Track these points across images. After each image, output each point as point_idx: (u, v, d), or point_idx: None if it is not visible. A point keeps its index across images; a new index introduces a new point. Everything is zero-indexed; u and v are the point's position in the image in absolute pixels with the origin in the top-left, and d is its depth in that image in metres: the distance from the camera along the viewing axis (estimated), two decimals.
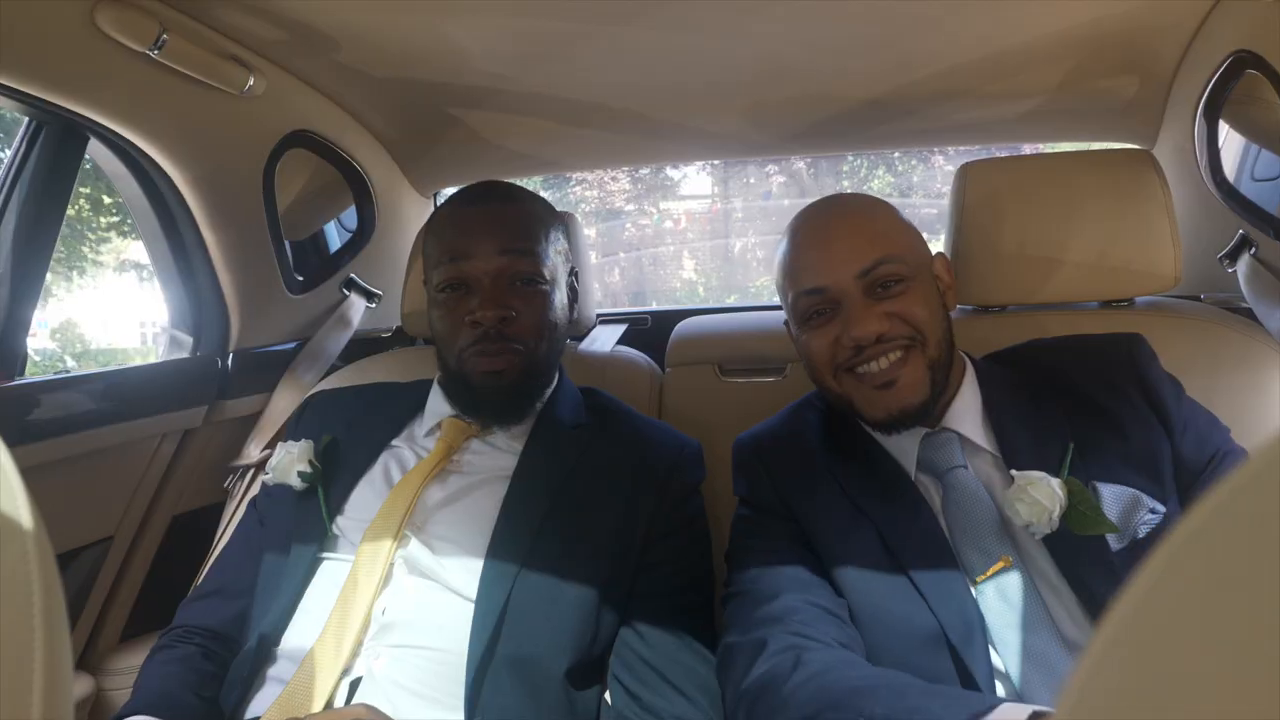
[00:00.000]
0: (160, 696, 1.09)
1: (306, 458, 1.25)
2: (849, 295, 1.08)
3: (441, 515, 1.17)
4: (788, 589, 1.04)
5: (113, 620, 1.63)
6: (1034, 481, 0.98)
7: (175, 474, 1.66)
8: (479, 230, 1.21)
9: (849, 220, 1.13)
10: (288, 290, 1.80)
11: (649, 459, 1.24)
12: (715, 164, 6.46)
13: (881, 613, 1.02)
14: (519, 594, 1.08)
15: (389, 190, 2.03)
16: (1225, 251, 1.53)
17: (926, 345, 1.08)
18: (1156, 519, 1.00)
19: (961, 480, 1.07)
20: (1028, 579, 0.99)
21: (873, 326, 1.06)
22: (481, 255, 1.20)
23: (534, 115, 1.79)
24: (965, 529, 1.03)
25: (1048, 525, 0.98)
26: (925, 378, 1.08)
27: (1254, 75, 1.35)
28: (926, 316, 1.08)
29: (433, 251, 1.26)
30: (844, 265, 1.09)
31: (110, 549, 1.57)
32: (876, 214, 1.15)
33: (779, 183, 6.63)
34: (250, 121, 1.59)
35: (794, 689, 0.88)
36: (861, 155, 5.63)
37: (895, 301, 1.08)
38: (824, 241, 1.12)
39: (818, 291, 1.11)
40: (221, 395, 1.68)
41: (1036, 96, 1.71)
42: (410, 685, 1.04)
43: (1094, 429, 1.07)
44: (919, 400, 1.07)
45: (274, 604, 1.14)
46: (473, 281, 1.21)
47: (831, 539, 1.08)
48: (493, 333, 1.18)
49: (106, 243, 6.40)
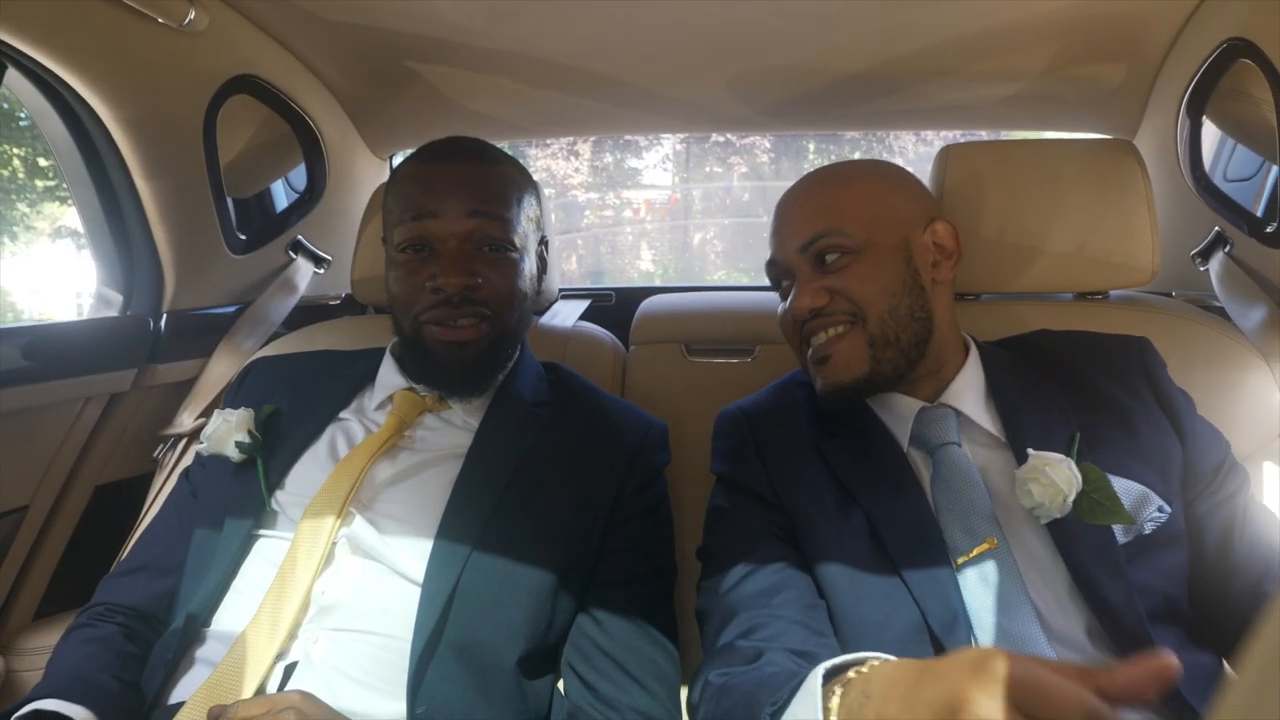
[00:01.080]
0: (74, 679, 1.02)
1: (245, 427, 1.19)
2: (797, 268, 1.12)
3: (390, 493, 1.12)
4: (764, 592, 1.01)
5: (26, 596, 1.55)
6: (1052, 463, 0.97)
7: (99, 441, 1.58)
8: (447, 188, 1.15)
9: (802, 193, 1.16)
10: (229, 249, 1.72)
11: (612, 440, 1.20)
12: (678, 148, 6.46)
13: (864, 609, 0.99)
14: (469, 577, 1.03)
15: (342, 148, 1.95)
16: (1199, 249, 1.54)
17: (867, 321, 1.08)
18: (1163, 517, 0.99)
19: (952, 457, 1.05)
20: (1010, 562, 0.97)
21: (805, 301, 1.09)
22: (448, 216, 1.13)
23: (501, 74, 1.73)
24: (952, 508, 1.01)
25: (1059, 509, 0.96)
26: (864, 354, 1.08)
27: (1244, 66, 1.35)
28: (869, 292, 1.08)
29: (394, 207, 1.18)
30: (790, 239, 1.12)
31: (25, 519, 1.49)
32: (835, 185, 1.15)
33: (741, 173, 6.65)
34: (191, 60, 1.50)
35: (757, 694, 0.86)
36: (827, 143, 5.65)
37: (836, 276, 1.09)
38: (779, 213, 1.17)
39: (773, 264, 1.16)
40: (153, 358, 1.60)
41: (1021, 80, 1.70)
42: (350, 671, 0.99)
43: (1102, 420, 1.06)
44: (851, 378, 1.08)
45: (204, 582, 1.08)
46: (437, 243, 1.14)
47: (816, 528, 1.05)
48: (455, 299, 1.12)
49: (40, 208, 6.23)
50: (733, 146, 6.55)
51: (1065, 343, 1.17)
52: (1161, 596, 0.97)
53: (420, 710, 0.97)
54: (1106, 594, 0.94)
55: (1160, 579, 0.98)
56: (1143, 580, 0.96)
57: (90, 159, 1.48)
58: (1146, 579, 0.96)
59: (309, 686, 0.95)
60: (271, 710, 0.82)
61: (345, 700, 0.96)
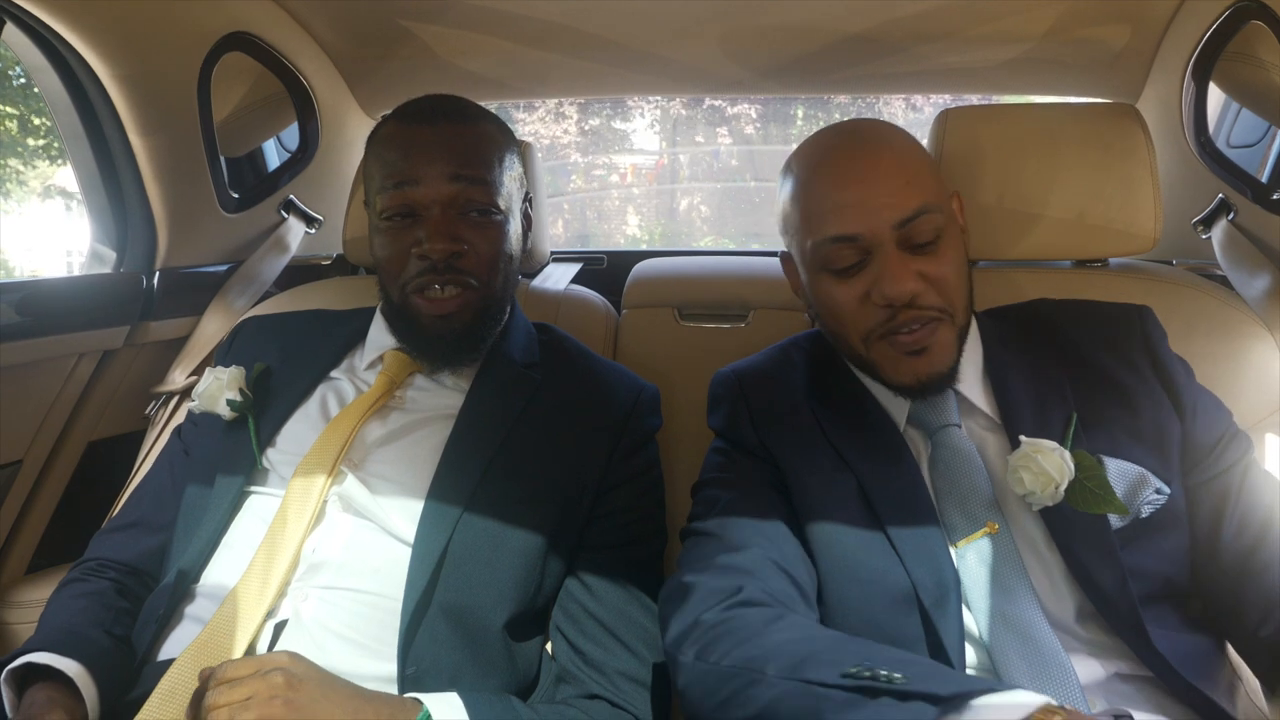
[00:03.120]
0: (66, 633, 1.02)
1: (237, 385, 1.19)
2: (883, 247, 0.98)
3: (381, 453, 1.11)
4: (756, 542, 0.99)
5: (19, 550, 1.56)
6: (1044, 450, 0.94)
7: (93, 397, 1.59)
8: (428, 153, 1.12)
9: (887, 156, 1.01)
10: (221, 208, 1.71)
11: (604, 403, 1.19)
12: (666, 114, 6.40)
13: (854, 567, 0.98)
14: (460, 539, 1.03)
15: (334, 107, 1.94)
16: (1201, 216, 1.51)
17: (955, 313, 1.01)
18: (1161, 499, 0.97)
19: (953, 439, 1.03)
20: (1012, 547, 0.96)
21: (910, 284, 0.96)
22: (430, 181, 1.11)
23: (494, 34, 1.71)
24: (951, 491, 0.99)
25: (1050, 498, 0.94)
26: (954, 344, 1.01)
27: (1254, 29, 1.32)
28: (957, 280, 1.00)
29: (375, 173, 1.16)
30: (882, 211, 0.97)
31: (19, 474, 1.50)
32: (914, 151, 1.03)
33: (726, 144, 6.58)
34: (186, 17, 1.49)
35: (774, 636, 0.83)
36: (811, 116, 5.58)
37: (930, 260, 0.98)
38: (858, 179, 0.99)
39: (850, 240, 0.98)
40: (145, 316, 1.60)
41: (1022, 43, 1.67)
42: (339, 630, 1.00)
43: (1101, 399, 1.03)
44: (947, 367, 1.00)
45: (195, 538, 1.09)
46: (420, 209, 1.12)
47: (809, 486, 1.04)
48: (441, 265, 1.11)
49: (34, 165, 6.22)
50: (721, 112, 6.48)
51: (1064, 312, 1.13)
52: (1160, 579, 0.96)
53: (410, 671, 0.98)
54: (1099, 579, 0.93)
55: (1158, 561, 0.96)
56: (1139, 563, 0.94)
57: (86, 116, 1.48)
58: (1143, 562, 0.95)
59: (298, 645, 0.96)
60: (260, 670, 0.82)
61: (334, 659, 0.96)
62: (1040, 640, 0.90)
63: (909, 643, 0.92)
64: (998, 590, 0.93)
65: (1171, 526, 0.98)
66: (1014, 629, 0.91)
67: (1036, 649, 0.90)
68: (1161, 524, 0.97)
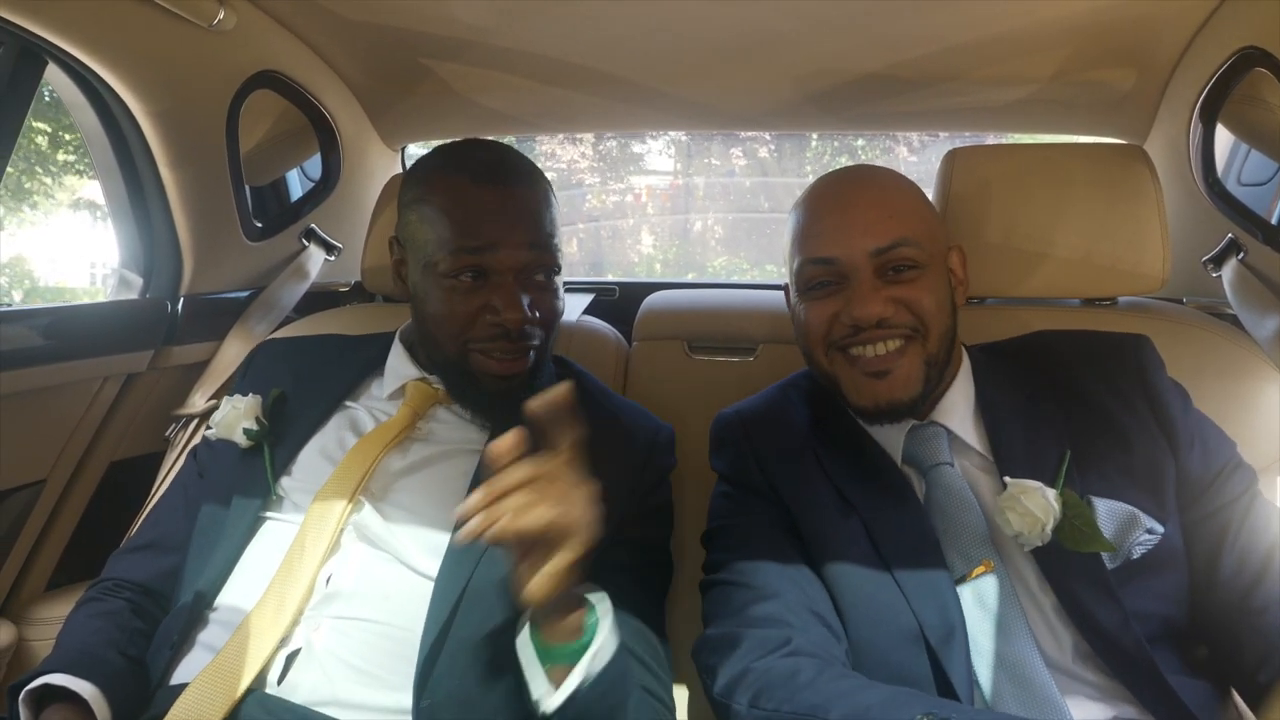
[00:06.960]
0: (82, 654, 1.04)
1: (253, 414, 1.20)
2: (859, 271, 1.03)
3: (402, 484, 1.12)
4: (787, 589, 0.99)
5: (40, 567, 1.58)
6: (1028, 491, 0.94)
7: (116, 419, 1.61)
8: (505, 220, 1.11)
9: (872, 191, 1.07)
10: (245, 236, 1.75)
11: (624, 444, 1.19)
12: (680, 140, 6.43)
13: (863, 607, 0.98)
14: (482, 574, 1.02)
15: (356, 140, 1.97)
16: (1211, 256, 1.50)
17: (928, 339, 1.03)
18: (1154, 539, 0.96)
19: (945, 478, 1.03)
20: (1008, 586, 0.96)
21: (876, 309, 1.01)
22: (509, 249, 1.10)
23: (510, 72, 1.73)
24: (946, 530, 1.00)
25: (1039, 538, 0.94)
26: (920, 373, 1.03)
27: (1259, 74, 1.33)
28: (933, 308, 1.03)
29: (439, 229, 1.12)
30: (860, 238, 1.03)
31: (42, 493, 1.52)
32: (902, 190, 1.09)
33: (741, 165, 6.59)
34: (218, 57, 1.54)
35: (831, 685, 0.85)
36: (826, 140, 5.59)
37: (905, 288, 1.02)
38: (841, 209, 1.06)
39: (826, 261, 1.05)
40: (169, 340, 1.63)
41: (1029, 85, 1.68)
42: (352, 660, 1.00)
43: (1094, 436, 1.03)
44: (909, 396, 1.03)
45: (210, 561, 1.10)
46: (494, 275, 1.11)
47: (817, 527, 1.04)
48: (514, 334, 1.11)
49: (62, 180, 6.33)
50: (735, 135, 6.49)
51: (1061, 344, 1.13)
52: (1158, 620, 0.95)
53: (425, 703, 0.97)
54: (1099, 619, 0.92)
55: (1155, 602, 0.95)
56: (1136, 605, 0.93)
57: (119, 149, 1.52)
58: (1140, 604, 0.94)
59: (310, 675, 0.97)
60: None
61: (345, 691, 0.97)
62: (1033, 680, 0.90)
63: (919, 681, 0.92)
64: (995, 629, 0.93)
65: (1168, 566, 0.97)
66: (1006, 668, 0.91)
67: (1028, 688, 0.90)
68: (1157, 564, 0.96)
